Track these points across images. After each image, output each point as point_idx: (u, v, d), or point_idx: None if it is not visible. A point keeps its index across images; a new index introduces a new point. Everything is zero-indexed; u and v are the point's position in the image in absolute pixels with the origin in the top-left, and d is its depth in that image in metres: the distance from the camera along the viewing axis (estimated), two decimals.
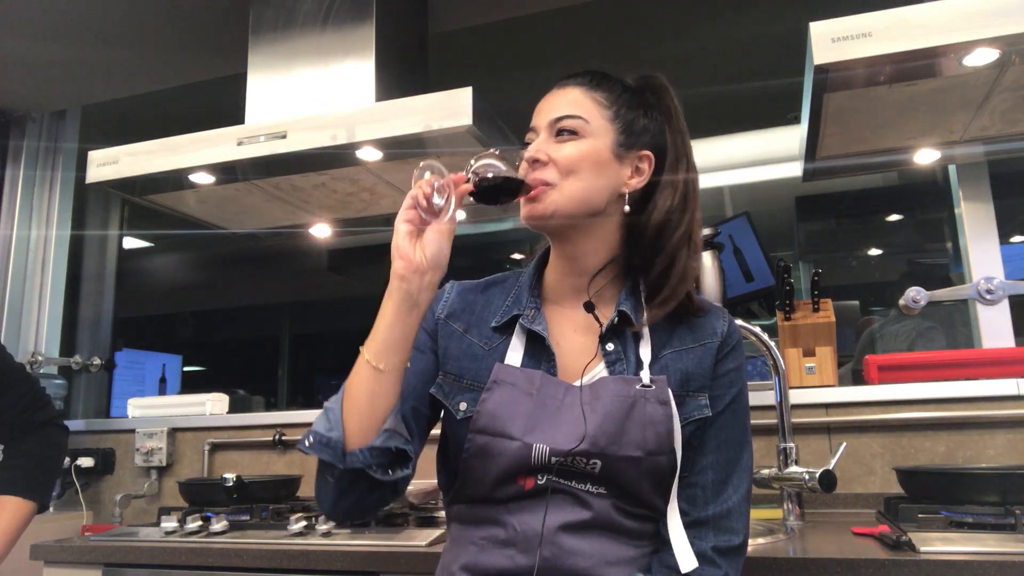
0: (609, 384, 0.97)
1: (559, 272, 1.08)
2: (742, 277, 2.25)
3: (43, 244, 2.83)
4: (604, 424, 0.94)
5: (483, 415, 0.96)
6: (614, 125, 1.03)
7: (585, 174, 1.00)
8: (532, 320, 1.03)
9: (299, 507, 1.86)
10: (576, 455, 0.93)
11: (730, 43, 2.80)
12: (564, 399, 0.97)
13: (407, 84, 2.07)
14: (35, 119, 2.90)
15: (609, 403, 0.95)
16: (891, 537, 1.24)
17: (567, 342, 1.04)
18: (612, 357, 1.01)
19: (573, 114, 1.02)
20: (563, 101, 1.04)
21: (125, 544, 1.64)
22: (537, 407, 0.96)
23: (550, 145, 1.01)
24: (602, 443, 0.93)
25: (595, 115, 1.02)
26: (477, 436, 0.96)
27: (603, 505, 0.95)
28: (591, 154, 1.01)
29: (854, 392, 1.81)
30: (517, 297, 1.08)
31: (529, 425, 0.95)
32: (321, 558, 1.47)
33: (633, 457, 0.93)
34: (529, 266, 1.12)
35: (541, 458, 0.94)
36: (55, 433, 1.60)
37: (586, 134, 1.01)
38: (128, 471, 2.42)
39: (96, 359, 2.94)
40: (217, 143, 1.89)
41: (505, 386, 0.98)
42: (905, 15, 1.41)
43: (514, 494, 0.96)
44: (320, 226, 2.42)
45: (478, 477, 0.97)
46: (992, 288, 1.73)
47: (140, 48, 2.48)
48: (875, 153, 1.87)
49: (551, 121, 1.02)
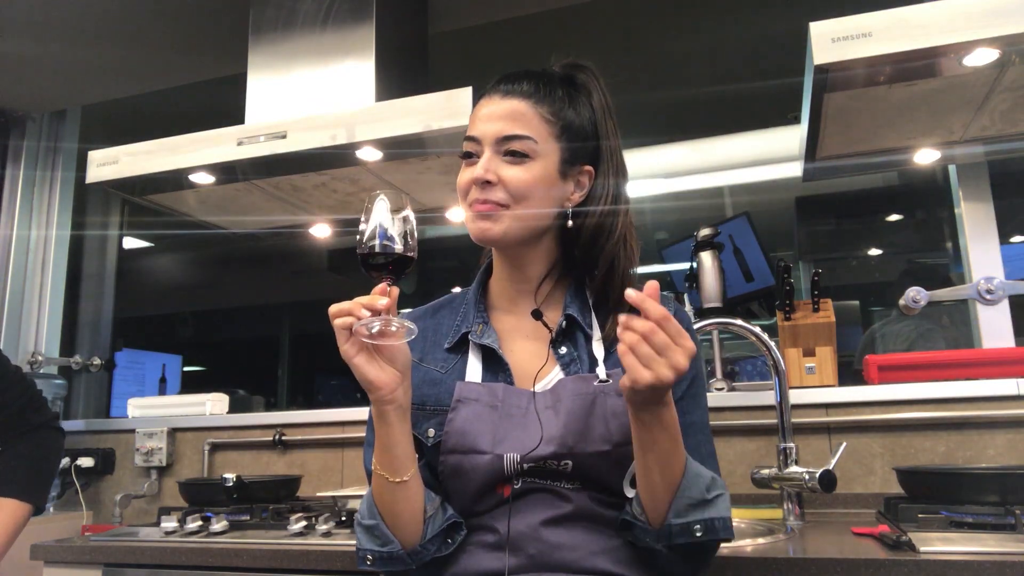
0: (568, 384, 0.99)
1: (505, 281, 1.10)
2: (742, 277, 2.25)
3: (43, 244, 2.83)
4: (569, 423, 0.96)
5: (452, 435, 0.98)
6: (559, 143, 1.04)
7: (536, 198, 1.02)
8: (481, 335, 1.06)
9: (299, 507, 1.86)
10: (546, 458, 0.96)
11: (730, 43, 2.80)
12: (528, 406, 0.99)
13: (407, 84, 2.07)
14: (35, 119, 2.90)
15: (571, 402, 0.97)
16: (891, 537, 1.24)
17: (520, 349, 1.06)
18: (566, 359, 1.03)
19: (522, 134, 1.01)
20: (508, 116, 1.02)
21: (125, 544, 1.64)
22: (502, 418, 0.99)
23: (499, 165, 1.01)
24: (570, 442, 0.95)
25: (543, 134, 1.02)
26: (449, 456, 0.98)
27: (581, 498, 0.97)
28: (542, 178, 1.02)
29: (854, 392, 1.81)
30: (465, 315, 1.10)
31: (497, 436, 0.97)
32: (321, 558, 1.47)
33: (602, 451, 0.95)
34: (473, 283, 1.14)
35: (513, 466, 0.96)
36: (51, 436, 1.61)
37: (535, 156, 1.01)
38: (128, 471, 2.42)
39: (96, 359, 2.94)
40: (217, 143, 1.89)
41: (469, 403, 1.00)
42: (905, 15, 1.41)
43: (495, 503, 0.98)
44: (320, 226, 2.42)
45: (458, 494, 1.00)
46: (992, 288, 1.73)
47: (140, 48, 2.48)
48: (875, 153, 1.87)
49: (498, 139, 1.01)
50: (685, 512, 0.91)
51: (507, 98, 1.04)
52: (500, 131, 1.01)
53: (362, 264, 0.93)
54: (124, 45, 2.46)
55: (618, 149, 1.09)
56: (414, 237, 0.93)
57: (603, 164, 1.07)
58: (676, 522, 0.91)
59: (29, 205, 2.84)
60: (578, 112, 1.06)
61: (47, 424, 1.60)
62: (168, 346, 4.83)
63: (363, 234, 0.92)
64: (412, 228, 0.93)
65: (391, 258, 0.92)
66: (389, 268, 0.92)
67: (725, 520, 0.94)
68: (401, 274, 0.93)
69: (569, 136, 1.05)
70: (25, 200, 2.84)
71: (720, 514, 0.93)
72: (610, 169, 1.07)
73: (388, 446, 0.93)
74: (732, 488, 1.82)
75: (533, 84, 1.05)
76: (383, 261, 0.91)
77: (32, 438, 1.56)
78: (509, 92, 1.04)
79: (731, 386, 1.99)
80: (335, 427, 2.23)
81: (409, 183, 2.06)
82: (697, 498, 0.92)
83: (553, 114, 1.04)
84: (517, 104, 1.03)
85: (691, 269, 2.07)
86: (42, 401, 1.62)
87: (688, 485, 0.92)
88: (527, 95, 1.04)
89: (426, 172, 1.98)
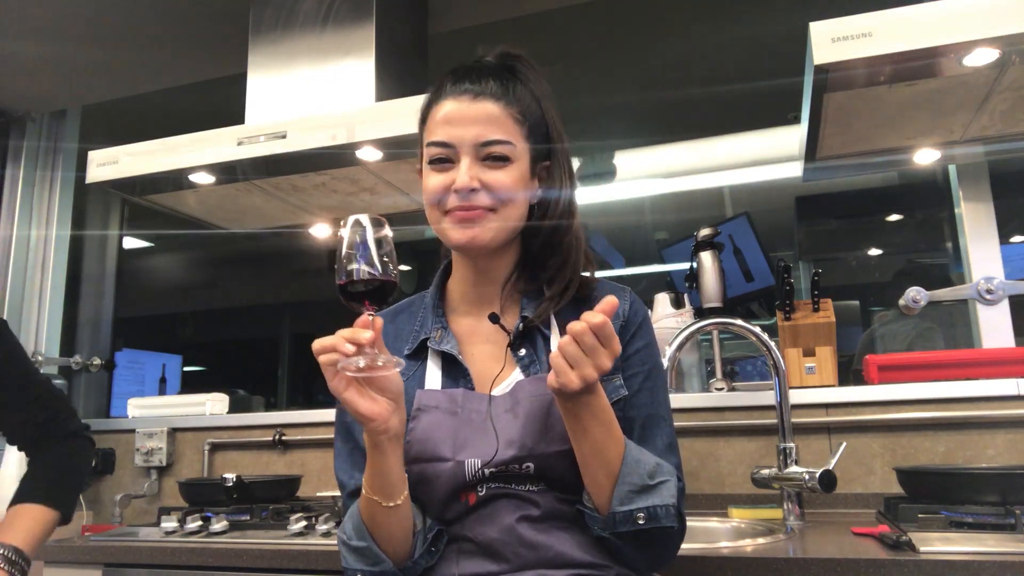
0: (526, 387, 0.99)
1: (466, 284, 1.09)
2: (742, 277, 2.25)
3: (43, 244, 2.83)
4: (528, 425, 0.96)
5: (414, 444, 0.98)
6: (528, 143, 1.04)
7: (517, 201, 1.02)
8: (440, 340, 1.05)
9: (299, 507, 1.86)
10: (507, 462, 0.96)
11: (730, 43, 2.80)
12: (488, 411, 0.99)
13: (407, 84, 2.07)
14: (35, 119, 2.90)
15: (528, 405, 0.98)
16: (891, 537, 1.24)
17: (479, 353, 1.06)
18: (525, 361, 1.03)
19: (501, 139, 1.00)
20: (483, 120, 1.00)
21: (125, 544, 1.64)
22: (463, 424, 0.98)
23: (480, 171, 1.00)
24: (529, 443, 0.96)
25: (517, 136, 1.02)
26: (413, 466, 0.97)
27: (547, 499, 0.97)
28: (521, 179, 1.02)
29: (854, 392, 1.81)
30: (423, 320, 1.10)
31: (458, 443, 0.97)
32: (321, 558, 1.47)
33: (562, 451, 0.95)
34: (432, 287, 1.13)
35: (474, 472, 0.96)
36: (81, 445, 1.56)
37: (514, 158, 1.01)
38: (128, 471, 2.42)
39: (96, 359, 2.94)
40: (217, 143, 1.89)
41: (429, 411, 1.00)
42: (905, 15, 1.41)
43: (462, 511, 0.98)
44: (320, 226, 2.42)
45: (425, 502, 0.99)
46: (992, 288, 1.73)
47: (140, 48, 2.48)
48: (875, 153, 1.87)
49: (476, 146, 1.00)
50: (627, 499, 0.92)
51: (478, 100, 1.01)
52: (479, 136, 1.00)
53: (341, 294, 0.89)
54: (124, 45, 2.46)
55: (564, 139, 1.08)
56: (394, 260, 0.89)
57: (555, 157, 1.07)
58: (619, 510, 0.92)
59: (29, 205, 2.84)
60: (534, 108, 1.05)
61: (76, 433, 1.56)
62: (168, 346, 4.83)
63: (340, 262, 0.88)
64: (391, 250, 0.89)
65: (373, 285, 0.87)
66: (371, 297, 0.88)
67: (668, 508, 0.93)
68: (383, 302, 0.90)
69: (534, 134, 1.05)
70: (25, 200, 2.84)
71: (663, 501, 0.93)
72: (563, 161, 1.07)
73: (382, 472, 0.92)
74: (732, 488, 1.83)
75: (499, 84, 1.03)
76: (363, 289, 0.87)
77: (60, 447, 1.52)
78: (480, 94, 1.01)
79: (731, 386, 1.99)
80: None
81: (409, 183, 2.06)
82: (638, 484, 0.92)
83: (521, 113, 1.03)
84: (490, 107, 1.01)
85: (691, 269, 2.07)
86: (71, 410, 1.58)
87: (628, 471, 0.92)
88: (497, 96, 1.02)
89: None
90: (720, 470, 1.85)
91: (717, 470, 1.85)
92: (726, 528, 1.65)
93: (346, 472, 1.07)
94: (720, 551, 1.27)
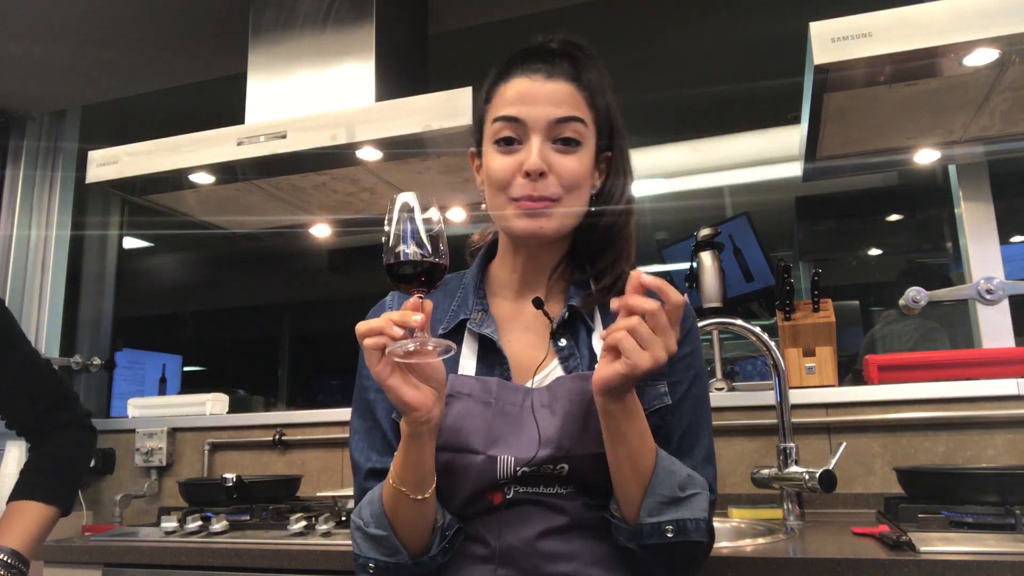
0: (566, 384, 0.95)
1: (512, 268, 1.05)
2: (742, 277, 2.25)
3: (43, 244, 2.83)
4: (565, 426, 0.92)
5: (444, 431, 0.92)
6: (595, 127, 1.00)
7: (583, 189, 0.98)
8: (480, 323, 1.01)
9: (299, 507, 1.86)
10: (543, 462, 0.92)
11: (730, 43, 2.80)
12: (523, 404, 0.95)
13: (407, 84, 2.07)
14: (35, 119, 2.90)
15: (567, 404, 0.93)
16: (891, 537, 1.24)
17: (517, 341, 1.01)
18: (565, 352, 0.98)
19: (576, 116, 0.96)
20: (559, 98, 0.96)
21: (125, 544, 1.64)
22: (497, 416, 0.94)
23: (550, 154, 0.95)
24: (567, 445, 0.92)
25: (588, 119, 0.98)
26: (440, 454, 0.92)
27: (574, 506, 0.93)
28: (589, 167, 0.98)
29: (854, 392, 1.81)
30: (463, 299, 1.04)
31: (491, 436, 0.93)
32: (321, 558, 1.47)
33: (598, 453, 0.91)
34: (473, 264, 1.09)
35: (507, 469, 0.92)
36: (80, 435, 1.55)
37: (584, 142, 0.97)
38: (128, 471, 2.42)
39: (96, 359, 2.94)
40: (217, 143, 1.89)
41: (462, 398, 0.95)
42: (905, 15, 1.41)
43: (484, 509, 0.94)
44: (320, 226, 2.42)
45: (446, 495, 0.94)
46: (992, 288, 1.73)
47: (140, 48, 2.48)
48: (875, 153, 1.87)
49: (551, 122, 0.95)
50: (657, 511, 0.88)
51: (552, 79, 0.96)
52: (552, 113, 0.95)
53: (389, 275, 0.84)
54: (124, 45, 2.46)
55: (624, 132, 1.04)
56: (444, 241, 0.84)
57: (619, 148, 1.03)
58: (648, 521, 0.88)
59: (29, 205, 2.84)
60: (601, 97, 1.01)
61: (78, 422, 1.55)
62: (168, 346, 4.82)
63: (388, 241, 0.82)
64: (441, 230, 0.84)
65: (423, 267, 0.82)
66: (421, 279, 0.83)
67: (699, 521, 0.89)
68: (434, 284, 0.84)
69: (601, 123, 1.00)
70: (25, 200, 2.83)
71: (694, 515, 0.89)
72: (625, 153, 1.04)
73: (416, 464, 0.87)
74: (732, 488, 1.83)
75: (572, 65, 0.98)
76: (413, 271, 0.82)
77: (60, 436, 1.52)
78: (553, 73, 0.97)
79: (731, 386, 1.99)
80: (335, 427, 2.23)
81: (409, 183, 2.06)
82: (668, 496, 0.88)
83: (591, 99, 0.98)
84: (564, 86, 0.96)
85: (691, 269, 2.07)
86: (73, 397, 1.58)
87: (659, 482, 0.88)
88: (571, 78, 0.97)
89: (426, 172, 1.98)
90: (720, 470, 1.83)
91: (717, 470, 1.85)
92: (726, 528, 1.65)
93: (362, 452, 1.01)
94: (720, 551, 1.27)
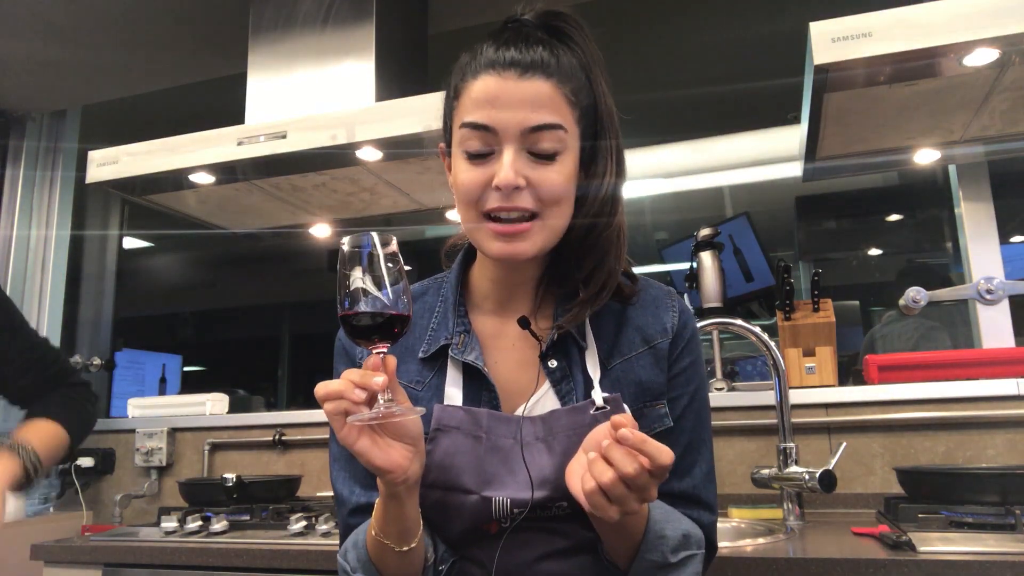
0: (562, 417, 0.87)
1: (492, 280, 0.95)
2: (742, 277, 2.25)
3: (43, 244, 2.83)
4: (564, 464, 0.82)
5: (432, 469, 0.85)
6: (579, 127, 0.87)
7: (567, 199, 0.86)
8: (464, 348, 0.91)
9: (299, 507, 1.86)
10: (540, 503, 0.85)
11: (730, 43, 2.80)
12: (516, 437, 0.87)
13: (407, 84, 2.07)
14: (35, 119, 2.90)
15: (565, 440, 0.85)
16: (891, 537, 1.24)
17: (504, 363, 0.93)
18: (557, 376, 0.90)
19: (553, 122, 0.83)
20: (530, 100, 0.82)
21: (125, 544, 1.64)
22: (488, 452, 0.86)
23: (526, 165, 0.83)
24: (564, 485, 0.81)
25: (570, 121, 0.85)
26: (429, 492, 0.86)
27: (577, 530, 0.87)
28: (572, 175, 0.86)
29: (854, 392, 1.81)
30: (443, 316, 0.95)
31: (484, 476, 0.86)
32: (321, 558, 1.47)
33: None
34: (451, 271, 0.99)
35: (503, 510, 0.85)
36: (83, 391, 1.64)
37: (566, 148, 0.85)
38: (128, 471, 2.42)
39: (96, 359, 2.94)
40: (217, 143, 1.89)
41: (450, 432, 0.87)
42: (905, 15, 1.41)
43: (480, 537, 0.88)
44: (320, 226, 2.42)
45: (439, 528, 0.89)
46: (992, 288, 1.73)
47: (140, 48, 2.48)
48: (875, 153, 1.87)
49: (525, 131, 0.82)
50: (648, 573, 0.82)
51: (527, 77, 0.83)
52: (527, 120, 0.82)
53: (343, 327, 0.75)
54: (124, 45, 2.46)
55: (614, 117, 0.91)
56: (407, 289, 0.75)
57: (606, 140, 0.90)
58: None
59: (29, 205, 2.84)
60: (585, 84, 0.87)
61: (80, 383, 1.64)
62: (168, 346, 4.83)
63: (343, 289, 0.74)
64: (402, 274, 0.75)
65: (382, 319, 0.73)
66: (379, 332, 0.74)
67: None
68: (395, 338, 0.76)
69: (586, 117, 0.88)
70: (25, 200, 2.83)
71: None
72: (613, 146, 0.90)
73: (397, 520, 0.80)
74: (732, 488, 1.83)
75: (550, 53, 0.84)
76: (371, 323, 0.74)
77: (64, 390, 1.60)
78: (528, 68, 0.83)
79: (731, 386, 1.99)
80: None
81: (409, 183, 2.06)
82: (659, 562, 0.82)
83: (573, 93, 0.85)
84: (541, 85, 0.83)
85: (691, 269, 2.07)
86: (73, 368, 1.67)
87: (649, 548, 0.82)
88: (549, 72, 0.83)
89: (426, 172, 1.98)
90: (720, 470, 1.85)
91: (717, 470, 1.84)
92: (726, 528, 1.65)
93: (344, 484, 0.94)
94: (720, 551, 1.26)
